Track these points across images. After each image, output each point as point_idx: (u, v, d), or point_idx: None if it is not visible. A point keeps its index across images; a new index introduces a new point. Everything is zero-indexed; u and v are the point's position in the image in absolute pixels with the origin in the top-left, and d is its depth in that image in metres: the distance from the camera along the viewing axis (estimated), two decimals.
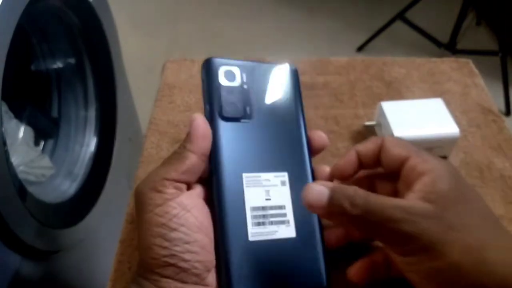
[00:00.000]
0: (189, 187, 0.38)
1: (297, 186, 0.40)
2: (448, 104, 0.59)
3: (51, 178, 0.95)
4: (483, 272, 0.32)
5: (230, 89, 0.41)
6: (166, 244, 0.35)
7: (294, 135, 0.42)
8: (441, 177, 0.35)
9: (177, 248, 0.35)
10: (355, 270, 0.39)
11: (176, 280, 0.35)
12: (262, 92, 0.42)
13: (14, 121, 0.93)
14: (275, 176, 0.39)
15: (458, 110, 0.64)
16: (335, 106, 0.65)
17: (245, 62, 0.43)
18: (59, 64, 1.02)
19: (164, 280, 0.35)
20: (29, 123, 0.97)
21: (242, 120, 0.40)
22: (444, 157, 0.58)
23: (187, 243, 0.35)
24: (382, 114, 0.58)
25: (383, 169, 0.41)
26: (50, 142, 1.01)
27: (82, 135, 1.03)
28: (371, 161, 0.41)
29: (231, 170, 0.38)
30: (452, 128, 0.56)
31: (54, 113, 1.03)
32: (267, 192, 0.39)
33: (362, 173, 0.43)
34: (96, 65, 1.03)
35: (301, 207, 0.37)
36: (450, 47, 2.00)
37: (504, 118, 0.63)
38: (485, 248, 0.33)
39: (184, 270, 0.35)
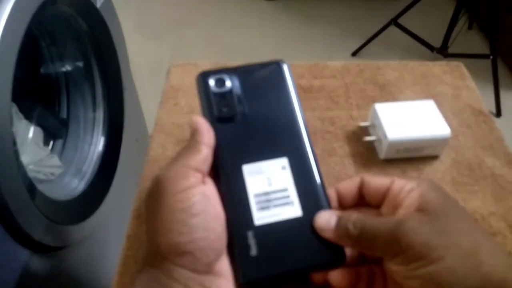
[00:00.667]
0: (203, 180, 0.39)
1: (298, 168, 0.42)
2: (440, 105, 0.60)
3: (60, 176, 0.95)
4: (481, 276, 0.33)
5: (221, 94, 0.44)
6: (185, 229, 0.35)
7: (290, 121, 0.44)
8: (429, 190, 0.38)
9: (196, 235, 0.35)
10: (339, 275, 0.39)
11: (189, 269, 0.35)
12: (254, 89, 0.45)
13: (24, 122, 0.93)
14: (275, 162, 0.42)
15: (449, 112, 0.65)
16: (331, 108, 0.66)
17: (234, 68, 0.46)
18: (67, 67, 1.02)
19: (177, 269, 0.35)
20: (38, 123, 0.98)
21: (237, 118, 0.43)
22: (436, 157, 0.59)
23: (205, 230, 0.36)
24: (375, 115, 0.59)
25: (366, 203, 0.42)
26: (59, 142, 1.02)
27: (90, 135, 1.04)
28: (351, 200, 0.42)
29: (232, 164, 0.41)
30: (443, 128, 0.57)
31: (63, 114, 1.04)
32: (268, 178, 0.41)
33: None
34: (104, 68, 1.03)
35: (305, 187, 0.41)
36: (442, 51, 2.01)
37: (494, 119, 0.64)
38: (480, 252, 0.34)
39: (198, 258, 0.35)
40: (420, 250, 0.34)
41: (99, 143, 1.04)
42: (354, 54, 2.26)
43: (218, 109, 0.43)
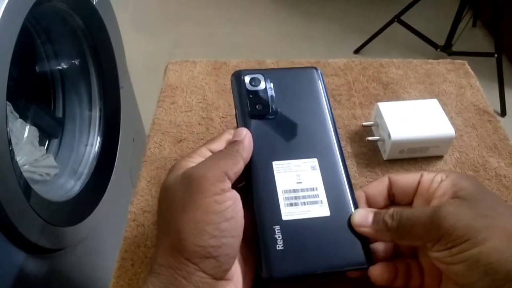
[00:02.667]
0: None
1: (328, 170, 0.43)
2: (444, 104, 0.60)
3: (56, 177, 0.95)
4: None
5: (255, 92, 0.46)
6: (217, 233, 0.35)
7: (321, 124, 0.45)
8: (460, 178, 0.38)
9: (225, 240, 0.35)
10: (378, 270, 0.39)
11: (209, 274, 0.35)
12: (287, 91, 0.47)
13: (19, 121, 0.93)
14: (305, 162, 0.43)
15: (453, 111, 0.65)
16: (333, 106, 0.65)
17: (269, 70, 0.48)
18: (63, 65, 1.02)
19: (198, 273, 0.35)
20: (33, 123, 0.97)
21: (269, 117, 0.45)
22: (440, 157, 0.59)
23: (233, 236, 0.36)
24: (379, 114, 0.58)
25: (397, 204, 0.43)
26: (55, 142, 1.01)
27: (86, 135, 1.03)
28: (381, 201, 0.43)
29: (263, 160, 0.42)
30: (447, 128, 0.57)
31: (59, 113, 1.03)
32: (298, 176, 0.42)
33: None
34: (100, 66, 1.03)
35: (334, 189, 0.41)
36: (446, 49, 2.01)
37: (499, 118, 0.64)
38: None
39: (220, 264, 0.35)
40: (463, 233, 0.34)
41: (95, 143, 1.04)
42: (356, 51, 2.26)
43: (251, 106, 0.45)
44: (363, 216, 0.40)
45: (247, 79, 0.47)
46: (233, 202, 0.37)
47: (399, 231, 0.37)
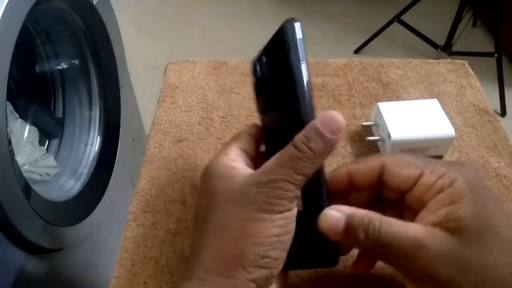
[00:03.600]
0: None
1: None
2: (444, 104, 0.60)
3: (56, 177, 0.95)
4: None
5: (256, 84, 0.43)
6: (278, 245, 0.33)
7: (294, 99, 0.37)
8: (464, 197, 0.32)
9: (282, 253, 0.34)
10: (360, 267, 0.38)
11: (258, 285, 0.33)
12: (274, 71, 0.40)
13: (19, 121, 0.93)
14: None
15: (453, 111, 0.64)
16: (333, 106, 0.65)
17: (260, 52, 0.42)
18: (63, 65, 1.02)
19: (249, 284, 0.33)
20: (34, 123, 0.98)
21: (268, 107, 0.41)
22: (440, 157, 0.58)
23: (285, 251, 0.34)
24: (379, 114, 0.58)
25: (385, 191, 0.38)
26: (55, 142, 1.02)
27: (86, 135, 1.03)
28: (366, 183, 0.38)
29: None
30: (447, 128, 0.56)
31: (59, 113, 1.03)
32: None
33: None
34: (100, 66, 1.03)
35: (308, 183, 0.36)
36: (447, 49, 2.00)
37: (499, 118, 0.63)
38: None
39: (270, 276, 0.33)
40: (439, 284, 0.31)
41: (95, 143, 1.04)
42: (356, 51, 2.25)
43: (258, 102, 0.42)
44: (333, 221, 0.34)
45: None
46: (293, 216, 0.34)
47: (374, 251, 0.33)
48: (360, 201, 0.38)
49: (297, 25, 0.39)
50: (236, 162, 0.37)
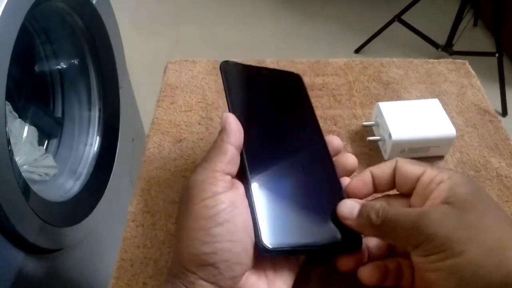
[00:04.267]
0: (232, 185, 0.38)
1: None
2: (445, 104, 0.60)
3: (55, 177, 0.95)
4: (503, 273, 0.32)
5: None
6: (208, 239, 0.34)
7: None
8: (459, 183, 0.37)
9: (218, 245, 0.34)
10: (367, 271, 0.39)
11: (212, 283, 0.34)
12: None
13: (18, 121, 0.93)
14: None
15: (454, 111, 0.64)
16: (334, 106, 0.65)
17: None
18: (62, 65, 1.02)
19: (200, 282, 0.34)
20: (33, 123, 0.97)
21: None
22: (441, 157, 0.58)
23: (230, 241, 0.34)
24: (379, 114, 0.58)
25: (397, 190, 0.42)
26: (54, 142, 1.01)
27: (86, 135, 1.03)
28: (385, 183, 0.42)
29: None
30: (448, 128, 0.56)
31: (58, 113, 1.03)
32: None
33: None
34: (99, 66, 1.03)
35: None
36: (447, 48, 2.00)
37: (500, 118, 0.63)
38: (505, 248, 0.33)
39: (221, 272, 0.34)
40: (441, 243, 0.33)
41: (95, 143, 1.04)
42: (357, 51, 2.25)
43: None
44: (349, 208, 0.39)
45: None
46: (229, 205, 0.35)
47: (382, 230, 0.37)
48: None
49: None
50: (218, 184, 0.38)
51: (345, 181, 0.44)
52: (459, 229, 0.34)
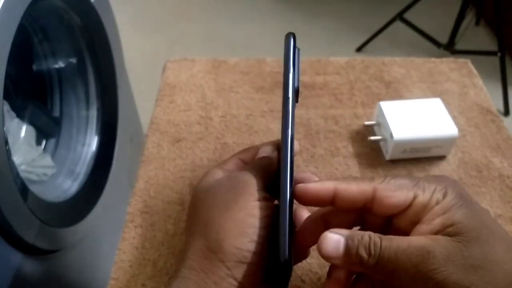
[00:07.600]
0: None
1: None
2: (447, 104, 0.59)
3: (53, 177, 0.94)
4: None
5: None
6: (255, 238, 0.34)
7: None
8: (455, 205, 0.33)
9: (260, 248, 0.34)
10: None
11: (239, 283, 0.34)
12: None
13: (15, 121, 0.93)
14: None
15: (456, 110, 0.64)
16: (335, 106, 0.65)
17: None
18: (60, 64, 1.02)
19: (229, 280, 0.33)
20: (30, 122, 0.97)
21: None
22: (443, 157, 0.58)
23: (262, 245, 0.35)
24: (381, 114, 0.58)
25: (369, 217, 0.37)
26: (52, 141, 1.01)
27: (84, 135, 1.03)
28: (350, 205, 0.36)
29: None
30: (450, 128, 0.56)
31: (56, 113, 1.03)
32: None
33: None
34: (98, 65, 1.02)
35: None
36: (449, 47, 2.00)
37: (502, 118, 0.63)
38: None
39: (252, 273, 0.34)
40: None
41: (93, 143, 1.04)
42: (358, 50, 2.25)
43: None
44: (332, 243, 0.32)
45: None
46: (272, 214, 0.36)
47: (378, 270, 0.32)
48: (342, 226, 0.35)
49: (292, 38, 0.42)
50: (227, 170, 0.40)
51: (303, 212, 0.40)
52: (469, 272, 0.30)
